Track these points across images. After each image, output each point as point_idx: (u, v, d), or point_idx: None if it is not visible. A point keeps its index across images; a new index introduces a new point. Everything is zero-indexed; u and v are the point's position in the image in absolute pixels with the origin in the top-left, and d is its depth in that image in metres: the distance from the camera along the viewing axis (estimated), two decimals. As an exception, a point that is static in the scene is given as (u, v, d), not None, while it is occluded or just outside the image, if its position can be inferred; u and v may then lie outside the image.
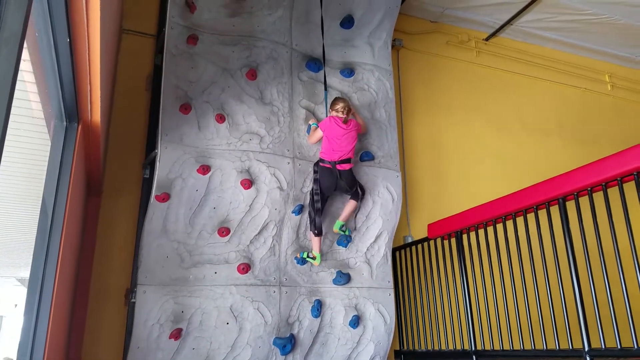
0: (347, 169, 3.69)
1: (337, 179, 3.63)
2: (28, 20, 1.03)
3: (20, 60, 1.01)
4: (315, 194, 3.60)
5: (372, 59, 4.34)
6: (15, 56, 0.97)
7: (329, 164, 3.65)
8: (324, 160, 3.67)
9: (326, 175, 3.64)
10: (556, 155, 5.56)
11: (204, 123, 3.56)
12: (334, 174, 3.63)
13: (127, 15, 4.09)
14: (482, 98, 5.60)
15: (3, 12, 0.97)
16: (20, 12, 0.99)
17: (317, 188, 3.61)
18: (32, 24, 1.54)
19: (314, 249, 3.63)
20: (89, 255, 3.54)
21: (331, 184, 3.64)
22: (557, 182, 2.70)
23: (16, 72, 0.98)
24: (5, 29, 0.96)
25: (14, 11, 0.98)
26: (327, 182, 3.63)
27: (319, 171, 3.66)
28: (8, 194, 3.50)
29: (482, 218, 3.29)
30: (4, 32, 0.96)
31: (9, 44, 0.97)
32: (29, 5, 1.02)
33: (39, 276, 2.12)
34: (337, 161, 3.64)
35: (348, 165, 3.70)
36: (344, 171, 3.67)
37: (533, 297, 2.82)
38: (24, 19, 1.00)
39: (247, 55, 3.83)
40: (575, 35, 5.89)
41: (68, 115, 2.30)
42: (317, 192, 3.61)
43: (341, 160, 3.65)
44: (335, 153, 3.65)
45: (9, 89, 0.96)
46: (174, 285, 3.29)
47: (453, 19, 5.60)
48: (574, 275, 2.58)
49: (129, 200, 3.75)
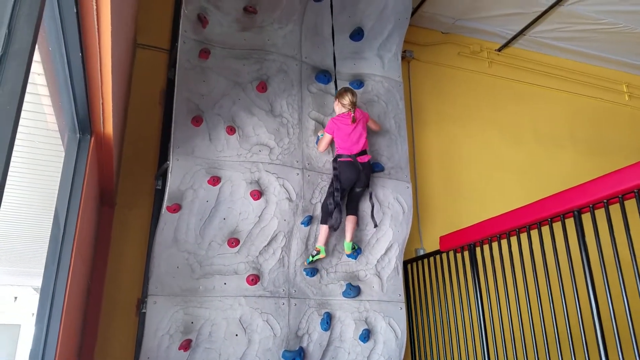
0: (366, 161, 3.74)
1: (359, 172, 3.65)
2: (38, 34, 1.05)
3: (29, 73, 1.03)
4: (336, 189, 3.59)
5: (381, 71, 4.35)
6: (24, 69, 0.99)
7: (350, 157, 3.67)
8: (343, 154, 3.68)
9: (348, 168, 3.65)
10: (571, 167, 5.48)
11: (215, 135, 3.59)
12: (356, 166, 3.65)
13: (141, 30, 4.17)
14: (495, 109, 5.56)
15: (13, 26, 0.99)
16: (30, 26, 1.01)
17: (337, 184, 3.61)
18: (45, 38, 1.57)
19: (319, 241, 3.60)
20: (102, 265, 3.57)
21: (353, 176, 3.65)
22: (572, 194, 2.65)
23: (25, 84, 1.00)
24: (15, 42, 0.98)
25: (23, 25, 1.00)
26: (350, 175, 3.64)
27: (340, 166, 3.66)
28: (26, 204, 3.55)
29: (496, 230, 3.23)
30: (13, 45, 0.98)
31: (19, 57, 0.99)
32: (39, 19, 1.04)
33: (50, 286, 2.13)
34: (356, 154, 3.67)
35: (367, 157, 3.75)
36: (364, 163, 3.71)
37: (548, 312, 2.75)
38: (34, 32, 1.02)
39: (257, 68, 3.87)
40: (590, 44, 5.84)
41: (81, 128, 2.33)
42: (337, 188, 3.60)
43: (359, 152, 3.69)
44: (352, 147, 3.68)
45: (18, 101, 0.98)
46: (184, 296, 3.29)
47: (464, 30, 5.59)
48: (590, 289, 2.52)
49: (141, 211, 3.78)
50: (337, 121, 3.69)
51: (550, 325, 2.74)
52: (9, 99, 0.96)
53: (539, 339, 2.81)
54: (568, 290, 2.66)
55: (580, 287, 2.57)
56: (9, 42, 0.97)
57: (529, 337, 2.88)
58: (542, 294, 2.83)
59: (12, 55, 0.98)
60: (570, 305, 2.64)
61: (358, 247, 3.80)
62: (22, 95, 1.00)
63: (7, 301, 7.45)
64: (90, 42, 1.72)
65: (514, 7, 5.19)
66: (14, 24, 0.99)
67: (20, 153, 2.46)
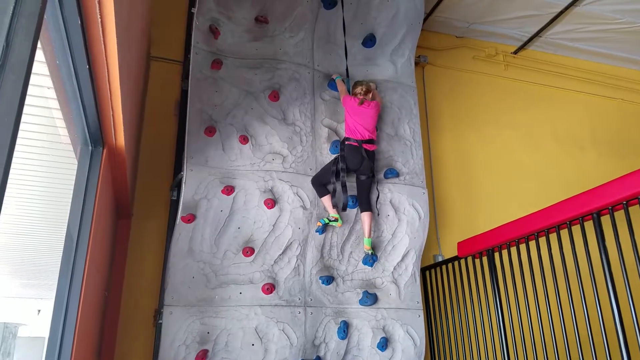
0: (372, 150, 3.77)
1: (363, 158, 3.69)
2: (36, 46, 1.07)
3: (27, 86, 1.05)
4: (342, 170, 3.64)
5: (394, 77, 4.33)
6: (22, 82, 1.01)
7: (356, 142, 3.70)
8: (350, 138, 3.73)
9: (353, 152, 3.69)
10: (591, 169, 5.34)
11: (228, 145, 3.61)
12: (360, 152, 3.68)
13: (155, 43, 4.24)
14: (513, 112, 5.47)
15: (11, 39, 1.01)
16: (28, 39, 1.03)
17: (343, 164, 3.66)
18: (52, 51, 1.60)
19: (330, 210, 3.64)
20: (120, 277, 3.61)
21: (357, 161, 3.69)
22: (590, 196, 2.57)
23: (23, 96, 1.02)
24: (12, 56, 1.00)
25: (22, 38, 1.02)
26: (354, 159, 3.68)
27: (346, 149, 3.71)
28: (43, 217, 3.62)
29: (514, 235, 3.16)
30: (11, 58, 1.00)
31: (16, 71, 1.00)
32: (37, 31, 1.06)
33: (64, 298, 2.16)
34: (362, 140, 3.71)
35: (373, 146, 3.79)
36: (370, 151, 3.74)
37: (569, 317, 2.67)
38: (32, 45, 1.04)
39: (269, 77, 3.89)
40: (609, 45, 5.71)
41: (93, 140, 2.37)
42: (343, 168, 3.65)
43: (366, 140, 3.73)
44: (358, 132, 3.71)
45: (16, 112, 0.99)
46: (200, 306, 3.30)
47: (479, 34, 5.53)
48: (611, 293, 2.43)
49: (157, 222, 3.82)
50: (354, 102, 3.76)
51: (571, 331, 2.65)
52: (7, 110, 0.98)
53: (560, 346, 2.72)
54: (589, 295, 2.58)
55: (601, 291, 2.48)
56: (7, 55, 0.99)
57: (550, 344, 2.80)
58: (563, 299, 2.74)
59: (10, 68, 0.99)
60: (592, 310, 2.55)
61: (374, 254, 3.76)
62: (21, 108, 1.01)
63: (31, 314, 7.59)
64: (96, 54, 1.75)
65: (529, 9, 5.11)
66: (11, 36, 1.01)
67: (34, 166, 2.52)
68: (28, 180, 2.76)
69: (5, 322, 8.04)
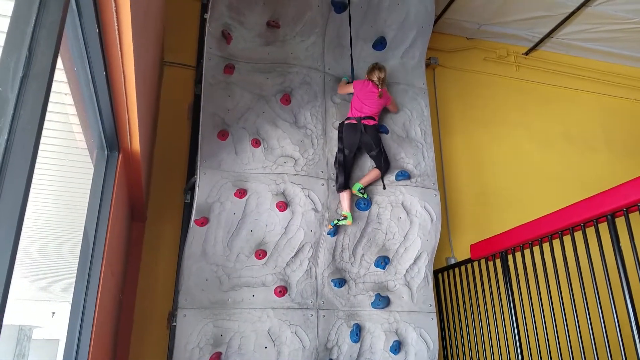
0: (371, 125, 3.82)
1: (361, 134, 3.75)
2: (57, 55, 1.10)
3: (50, 94, 1.07)
4: (339, 150, 3.75)
5: (405, 78, 4.33)
6: (44, 90, 1.04)
7: (354, 119, 3.80)
8: (350, 117, 3.83)
9: (350, 130, 3.78)
10: (605, 170, 5.29)
11: (241, 148, 3.64)
12: (358, 128, 3.77)
13: (169, 49, 4.29)
14: (524, 113, 5.44)
15: (34, 48, 1.04)
16: (50, 48, 1.06)
17: (341, 145, 3.75)
18: (70, 59, 1.64)
19: (343, 207, 3.68)
20: (134, 279, 3.65)
21: (355, 139, 3.76)
22: (604, 197, 2.55)
23: (45, 104, 1.05)
24: (35, 65, 1.03)
25: (43, 48, 1.05)
26: (351, 137, 3.77)
27: (344, 128, 3.80)
28: (59, 220, 3.68)
29: (527, 237, 3.14)
30: (34, 67, 1.03)
31: (39, 79, 1.03)
32: (58, 41, 1.09)
33: (81, 301, 2.19)
34: (362, 117, 3.79)
35: (372, 121, 3.85)
36: (368, 126, 3.81)
37: (584, 320, 2.65)
38: (53, 54, 1.07)
39: (281, 81, 3.91)
40: (621, 44, 5.66)
41: (109, 145, 2.41)
42: (341, 148, 3.75)
43: (366, 116, 3.80)
44: (359, 111, 3.80)
45: (39, 120, 1.02)
46: (213, 309, 3.32)
47: (490, 35, 5.52)
48: (627, 296, 2.40)
49: (171, 225, 3.86)
50: (369, 83, 3.84)
51: (586, 334, 2.63)
52: (30, 118, 1.01)
53: (575, 349, 2.70)
54: (604, 297, 2.55)
55: (616, 294, 2.46)
56: (30, 64, 1.02)
57: (564, 347, 2.77)
58: (577, 302, 2.72)
59: (33, 76, 1.02)
60: (607, 313, 2.53)
61: (367, 198, 3.80)
62: (43, 115, 1.04)
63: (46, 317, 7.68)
64: (113, 62, 1.78)
65: (540, 10, 5.09)
66: (34, 46, 1.04)
67: (51, 171, 2.56)
68: (45, 185, 2.81)
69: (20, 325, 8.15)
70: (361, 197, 3.79)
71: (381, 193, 3.88)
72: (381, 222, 3.83)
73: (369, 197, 3.83)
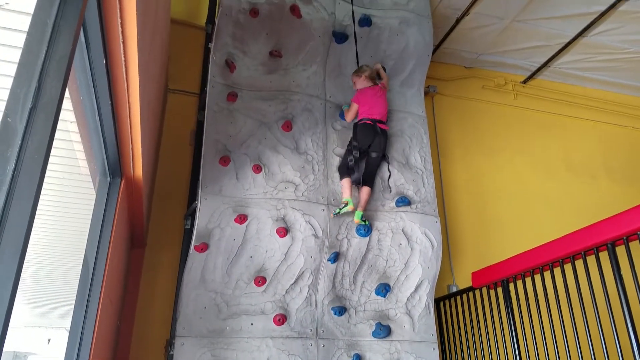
0: (385, 130, 3.95)
1: (376, 135, 3.85)
2: (65, 87, 1.13)
3: (57, 124, 1.10)
4: (354, 147, 3.83)
5: (404, 107, 4.39)
6: (52, 120, 1.06)
7: (370, 120, 3.88)
8: (364, 118, 3.90)
9: (366, 129, 3.88)
10: (604, 197, 5.30)
11: (242, 174, 3.67)
12: (375, 128, 3.87)
13: (173, 77, 4.37)
14: (523, 140, 5.48)
15: (43, 80, 1.07)
16: (58, 81, 1.09)
17: (356, 143, 3.84)
18: (77, 89, 1.67)
19: (344, 194, 3.71)
20: (132, 306, 3.62)
21: (369, 138, 3.86)
22: (604, 226, 2.56)
23: (52, 135, 1.07)
24: (44, 96, 1.06)
25: (52, 80, 1.08)
26: (367, 136, 3.86)
27: (359, 127, 3.89)
28: (59, 246, 3.67)
29: (529, 265, 3.13)
30: (42, 98, 1.05)
31: (47, 109, 1.06)
32: (67, 74, 1.12)
33: (79, 328, 2.18)
34: (377, 120, 3.89)
35: (386, 127, 3.98)
36: (383, 130, 3.92)
37: (587, 349, 2.61)
38: (62, 86, 1.10)
39: (283, 108, 3.97)
40: (617, 74, 5.75)
41: (111, 171, 2.43)
42: (355, 145, 3.84)
43: (380, 120, 3.91)
44: (371, 114, 3.89)
45: (45, 150, 1.04)
46: (211, 337, 3.29)
47: (488, 64, 5.61)
48: (629, 325, 2.38)
49: (171, 252, 3.85)
50: (364, 92, 3.97)
51: (590, 365, 2.59)
52: (37, 148, 1.03)
53: (580, 381, 2.66)
54: (606, 326, 2.53)
55: (618, 322, 2.44)
56: (39, 95, 1.05)
57: (569, 379, 2.73)
58: (579, 330, 2.70)
59: (42, 108, 1.05)
60: (609, 341, 2.50)
61: (368, 224, 3.79)
62: (50, 145, 1.06)
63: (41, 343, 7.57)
64: (119, 92, 1.82)
65: (537, 40, 5.19)
66: (43, 78, 1.07)
67: (53, 197, 2.57)
68: (46, 210, 2.82)
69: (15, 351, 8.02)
70: (362, 224, 3.79)
71: (382, 219, 3.89)
72: (382, 248, 3.82)
73: (369, 223, 3.83)
